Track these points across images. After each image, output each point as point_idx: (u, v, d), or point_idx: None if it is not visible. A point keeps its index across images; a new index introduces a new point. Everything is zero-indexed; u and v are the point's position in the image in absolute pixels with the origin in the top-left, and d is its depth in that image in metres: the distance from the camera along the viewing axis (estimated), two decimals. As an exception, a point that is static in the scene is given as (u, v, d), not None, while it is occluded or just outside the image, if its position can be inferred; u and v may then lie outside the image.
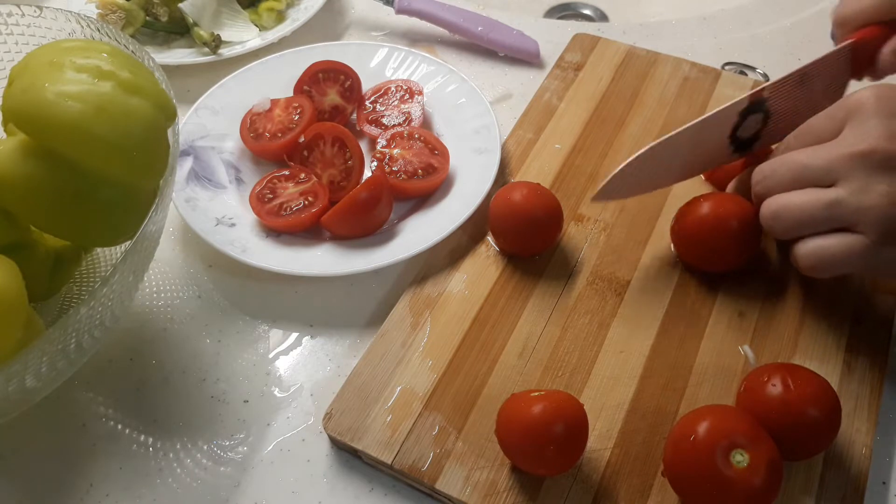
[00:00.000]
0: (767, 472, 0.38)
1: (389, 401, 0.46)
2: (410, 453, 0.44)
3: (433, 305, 0.51)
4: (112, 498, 0.45)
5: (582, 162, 0.59)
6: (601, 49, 0.67)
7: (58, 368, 0.43)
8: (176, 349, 0.52)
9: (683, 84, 0.64)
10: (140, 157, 0.42)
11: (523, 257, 0.53)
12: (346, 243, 0.54)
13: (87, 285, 0.53)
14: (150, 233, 0.44)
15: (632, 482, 0.43)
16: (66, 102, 0.40)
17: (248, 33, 0.71)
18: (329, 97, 0.63)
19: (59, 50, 0.43)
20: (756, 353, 0.48)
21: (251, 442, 0.47)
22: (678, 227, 0.52)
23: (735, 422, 0.39)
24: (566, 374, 0.47)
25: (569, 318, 0.50)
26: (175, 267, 0.57)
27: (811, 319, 0.49)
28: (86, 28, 0.50)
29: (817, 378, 0.41)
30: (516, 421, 0.41)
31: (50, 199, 0.42)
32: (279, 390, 0.49)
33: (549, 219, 0.52)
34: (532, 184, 0.53)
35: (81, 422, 0.48)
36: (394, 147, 0.58)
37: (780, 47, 0.70)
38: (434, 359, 0.48)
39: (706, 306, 0.50)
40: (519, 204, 0.51)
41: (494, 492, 0.42)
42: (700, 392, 0.46)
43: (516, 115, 0.63)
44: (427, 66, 0.66)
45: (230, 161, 0.61)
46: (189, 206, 0.56)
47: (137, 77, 0.43)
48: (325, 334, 0.52)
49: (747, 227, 0.49)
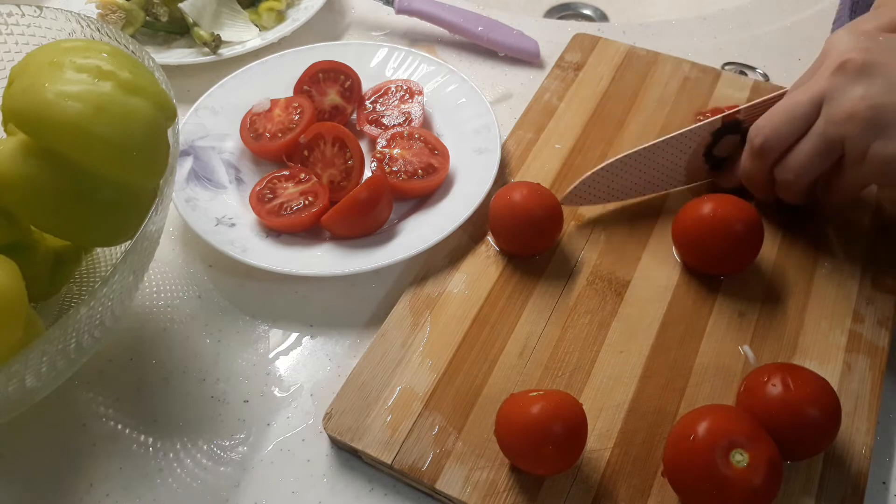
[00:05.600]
0: (767, 471, 0.38)
1: (389, 401, 0.46)
2: (410, 453, 0.44)
3: (433, 305, 0.51)
4: (112, 498, 0.45)
5: (582, 162, 0.59)
6: (601, 49, 0.67)
7: (58, 368, 0.43)
8: (176, 349, 0.52)
9: (683, 84, 0.64)
10: (140, 157, 0.42)
11: (523, 257, 0.53)
12: (346, 243, 0.54)
13: (87, 285, 0.53)
14: (150, 233, 0.44)
15: (632, 482, 0.43)
16: (66, 102, 0.40)
17: (248, 33, 0.71)
18: (329, 97, 0.63)
19: (59, 50, 0.43)
20: (756, 353, 0.48)
21: (251, 442, 0.47)
22: (681, 230, 0.52)
23: (735, 421, 0.39)
24: (566, 374, 0.47)
25: (569, 318, 0.50)
26: (175, 267, 0.57)
27: (811, 319, 0.49)
28: (86, 28, 0.50)
29: (817, 378, 0.41)
30: (515, 421, 0.41)
31: (50, 199, 0.42)
32: (279, 390, 0.49)
33: (549, 219, 0.52)
34: (532, 184, 0.53)
35: (81, 422, 0.48)
36: (394, 147, 0.58)
37: (780, 47, 0.70)
38: (434, 359, 0.48)
39: (706, 306, 0.50)
40: (519, 204, 0.51)
41: (494, 492, 0.42)
42: (700, 392, 0.46)
43: (516, 115, 0.63)
44: (427, 66, 0.66)
45: (230, 161, 0.61)
46: (189, 206, 0.56)
47: (137, 77, 0.43)
48: (325, 334, 0.52)
49: (752, 233, 0.49)
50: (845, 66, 0.46)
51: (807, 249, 0.53)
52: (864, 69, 0.45)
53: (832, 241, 0.53)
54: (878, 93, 0.44)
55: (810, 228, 0.54)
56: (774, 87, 0.63)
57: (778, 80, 0.66)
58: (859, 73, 0.45)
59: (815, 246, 0.53)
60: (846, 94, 0.45)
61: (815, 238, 0.53)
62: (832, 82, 0.46)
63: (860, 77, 0.45)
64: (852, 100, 0.45)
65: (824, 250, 0.53)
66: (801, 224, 0.54)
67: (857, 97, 0.45)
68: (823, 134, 0.46)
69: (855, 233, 0.53)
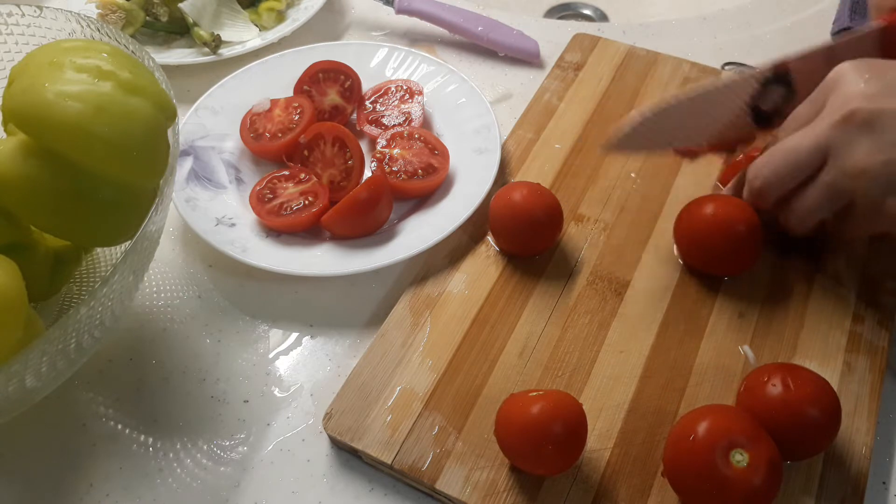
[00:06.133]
0: (767, 471, 0.38)
1: (389, 401, 0.46)
2: (410, 453, 0.44)
3: (433, 305, 0.51)
4: (112, 498, 0.45)
5: (582, 162, 0.59)
6: (601, 49, 0.67)
7: (58, 368, 0.43)
8: (176, 349, 0.52)
9: (683, 84, 0.64)
10: (140, 157, 0.43)
11: (523, 257, 0.53)
12: (346, 243, 0.54)
13: (87, 285, 0.53)
14: (150, 233, 0.44)
15: (632, 482, 0.43)
16: (66, 102, 0.40)
17: (248, 33, 0.71)
18: (329, 97, 0.63)
19: (59, 50, 0.43)
20: (756, 353, 0.48)
21: (251, 442, 0.47)
22: (683, 230, 0.52)
23: (735, 421, 0.39)
24: (566, 374, 0.47)
25: (569, 318, 0.50)
26: (175, 267, 0.57)
27: (811, 319, 0.49)
28: (86, 28, 0.50)
29: (817, 378, 0.41)
30: (514, 421, 0.41)
31: (50, 199, 0.42)
32: (279, 390, 0.49)
33: (548, 219, 0.52)
34: (532, 184, 0.53)
35: (81, 422, 0.48)
36: (394, 147, 0.58)
37: (780, 47, 0.70)
38: (434, 359, 0.48)
39: (706, 306, 0.50)
40: (519, 204, 0.51)
41: (494, 492, 0.42)
42: (700, 392, 0.46)
43: (516, 115, 0.63)
44: (427, 66, 0.66)
45: (230, 161, 0.61)
46: (189, 206, 0.56)
47: (137, 77, 0.43)
48: (325, 334, 0.52)
49: (755, 234, 0.49)
50: (853, 118, 0.44)
51: (807, 249, 0.53)
52: (873, 121, 0.43)
53: (832, 242, 0.53)
54: (889, 145, 0.43)
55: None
56: None
57: (778, 80, 0.66)
58: (867, 125, 0.43)
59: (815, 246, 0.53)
60: (855, 148, 0.44)
61: (816, 238, 0.53)
62: (838, 134, 0.44)
63: (869, 130, 0.43)
64: (863, 154, 0.43)
65: (824, 251, 0.52)
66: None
67: (868, 152, 0.43)
68: (833, 185, 0.45)
69: (855, 233, 0.53)
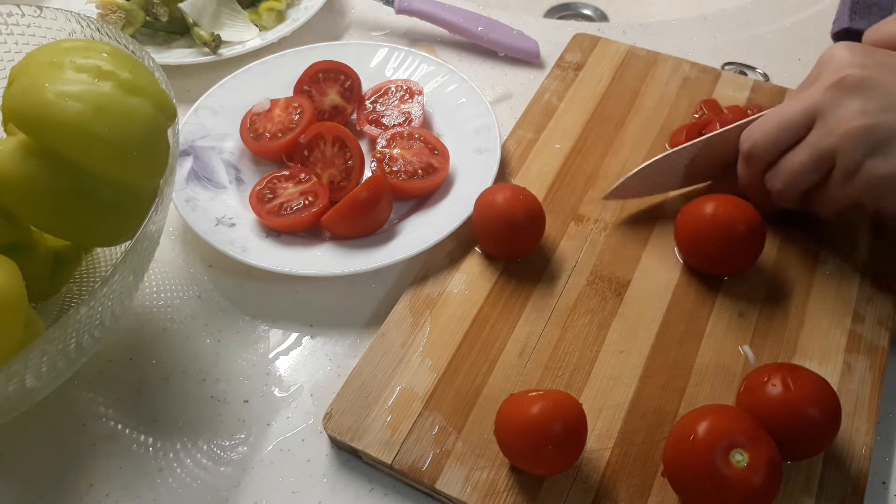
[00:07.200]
0: (767, 471, 0.38)
1: (389, 401, 0.46)
2: (410, 453, 0.44)
3: (433, 305, 0.51)
4: (112, 498, 0.45)
5: (582, 162, 0.59)
6: (601, 49, 0.67)
7: (58, 368, 0.43)
8: (176, 349, 0.52)
9: (683, 84, 0.64)
10: (140, 157, 0.43)
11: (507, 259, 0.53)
12: (346, 243, 0.54)
13: (87, 285, 0.53)
14: (150, 233, 0.44)
15: (632, 482, 0.43)
16: (65, 102, 0.40)
17: (248, 33, 0.71)
18: (329, 97, 0.63)
19: (59, 50, 0.43)
20: (756, 353, 0.48)
21: (251, 442, 0.47)
22: (684, 229, 0.52)
23: (735, 421, 0.39)
24: (566, 374, 0.47)
25: (569, 318, 0.50)
26: (175, 267, 0.57)
27: (811, 319, 0.49)
28: (86, 28, 0.50)
29: (817, 378, 0.41)
30: (514, 421, 0.41)
31: (50, 199, 0.42)
32: (279, 390, 0.49)
33: (529, 221, 0.51)
34: (515, 186, 0.52)
35: (81, 422, 0.48)
36: (394, 147, 0.58)
37: (780, 47, 0.70)
38: (434, 359, 0.48)
39: (706, 306, 0.50)
40: (500, 206, 0.51)
41: (494, 492, 0.42)
42: (700, 392, 0.46)
43: (516, 115, 0.63)
44: (427, 66, 0.66)
45: (230, 161, 0.61)
46: (189, 206, 0.56)
47: (137, 77, 0.43)
48: (325, 334, 0.52)
49: (755, 234, 0.49)
50: (843, 82, 0.46)
51: (807, 249, 0.53)
52: (862, 85, 0.45)
53: (832, 241, 0.53)
54: (875, 110, 0.44)
55: (810, 229, 0.53)
56: (774, 87, 0.63)
57: (778, 81, 0.66)
58: (856, 89, 0.45)
59: (815, 246, 0.53)
60: (842, 108, 0.45)
61: (815, 238, 0.53)
62: (828, 96, 0.46)
63: (857, 93, 0.45)
64: (848, 115, 0.45)
65: (824, 250, 0.53)
66: (802, 224, 0.54)
67: (854, 113, 0.45)
68: (816, 145, 0.46)
69: (855, 233, 0.53)
